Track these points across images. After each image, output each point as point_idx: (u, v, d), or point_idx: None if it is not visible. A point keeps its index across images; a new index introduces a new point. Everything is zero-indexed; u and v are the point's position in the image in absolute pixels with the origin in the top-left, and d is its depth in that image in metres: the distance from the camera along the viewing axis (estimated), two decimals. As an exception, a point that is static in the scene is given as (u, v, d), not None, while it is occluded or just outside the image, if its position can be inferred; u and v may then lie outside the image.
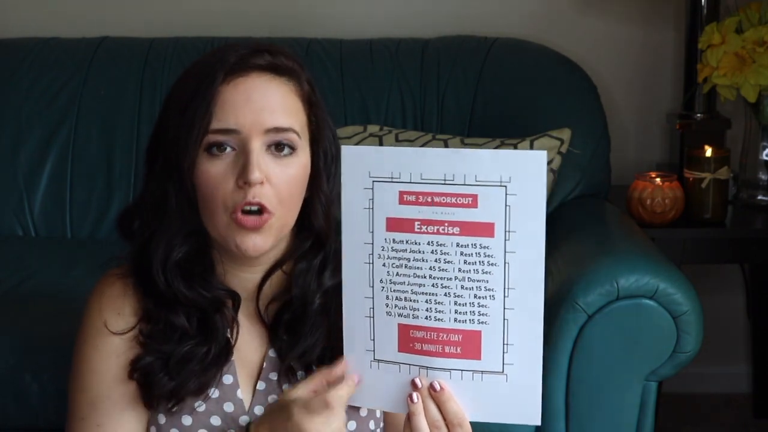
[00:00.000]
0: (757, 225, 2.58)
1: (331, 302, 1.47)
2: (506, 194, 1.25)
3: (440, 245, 1.28)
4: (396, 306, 1.31)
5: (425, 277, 1.29)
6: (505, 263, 1.26)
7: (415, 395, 1.32)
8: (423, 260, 1.29)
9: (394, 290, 1.31)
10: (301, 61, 1.47)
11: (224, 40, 2.70)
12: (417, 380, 1.32)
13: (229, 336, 1.47)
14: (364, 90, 2.64)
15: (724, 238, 2.56)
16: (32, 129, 2.64)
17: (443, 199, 1.27)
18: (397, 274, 1.30)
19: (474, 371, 1.30)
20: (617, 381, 1.97)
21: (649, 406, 2.00)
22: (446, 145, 2.41)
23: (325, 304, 1.47)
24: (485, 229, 1.26)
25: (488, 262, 1.26)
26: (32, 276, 2.34)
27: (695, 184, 2.54)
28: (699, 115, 2.71)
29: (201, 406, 1.45)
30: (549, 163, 2.38)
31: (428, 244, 1.28)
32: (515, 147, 2.37)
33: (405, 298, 1.30)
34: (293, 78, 1.45)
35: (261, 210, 1.39)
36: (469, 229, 1.27)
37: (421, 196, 1.28)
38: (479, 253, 1.27)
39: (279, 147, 1.41)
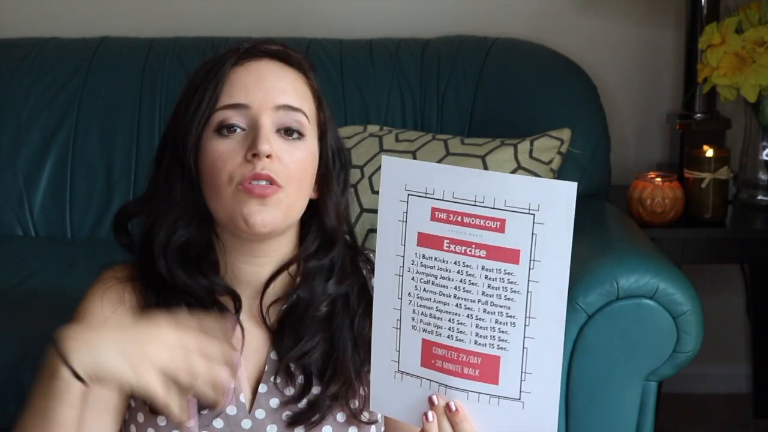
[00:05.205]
0: (757, 225, 2.58)
1: (339, 312, 1.46)
2: (534, 222, 1.22)
3: (466, 266, 1.26)
4: (421, 321, 1.30)
5: (450, 296, 1.28)
6: (527, 292, 1.24)
7: (430, 414, 1.30)
8: (449, 279, 1.27)
9: (420, 305, 1.30)
10: (313, 64, 1.48)
11: (224, 40, 2.70)
12: (434, 398, 1.30)
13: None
14: (364, 90, 2.64)
15: (724, 238, 2.56)
16: (32, 129, 2.63)
17: (472, 221, 1.25)
18: (424, 289, 1.29)
19: (491, 395, 1.28)
20: (617, 381, 1.97)
21: (649, 406, 2.00)
22: (446, 146, 2.41)
23: (331, 312, 1.46)
24: (511, 256, 1.24)
25: (511, 289, 1.24)
26: (32, 276, 2.33)
27: (695, 184, 2.54)
28: (699, 115, 2.71)
29: (204, 410, 1.43)
30: (549, 163, 2.38)
31: (455, 263, 1.27)
32: (515, 147, 2.37)
33: (430, 315, 1.29)
34: (304, 71, 1.45)
35: (270, 182, 1.37)
36: (496, 253, 1.25)
37: (452, 215, 1.26)
38: (503, 279, 1.25)
39: (288, 131, 1.40)
